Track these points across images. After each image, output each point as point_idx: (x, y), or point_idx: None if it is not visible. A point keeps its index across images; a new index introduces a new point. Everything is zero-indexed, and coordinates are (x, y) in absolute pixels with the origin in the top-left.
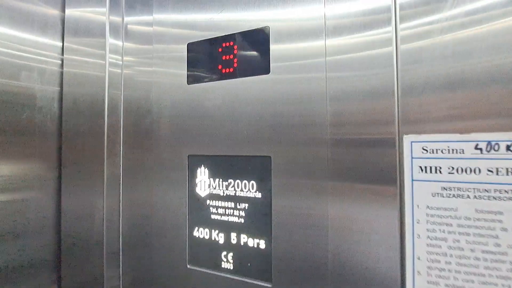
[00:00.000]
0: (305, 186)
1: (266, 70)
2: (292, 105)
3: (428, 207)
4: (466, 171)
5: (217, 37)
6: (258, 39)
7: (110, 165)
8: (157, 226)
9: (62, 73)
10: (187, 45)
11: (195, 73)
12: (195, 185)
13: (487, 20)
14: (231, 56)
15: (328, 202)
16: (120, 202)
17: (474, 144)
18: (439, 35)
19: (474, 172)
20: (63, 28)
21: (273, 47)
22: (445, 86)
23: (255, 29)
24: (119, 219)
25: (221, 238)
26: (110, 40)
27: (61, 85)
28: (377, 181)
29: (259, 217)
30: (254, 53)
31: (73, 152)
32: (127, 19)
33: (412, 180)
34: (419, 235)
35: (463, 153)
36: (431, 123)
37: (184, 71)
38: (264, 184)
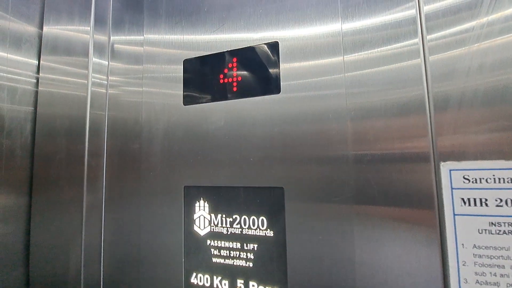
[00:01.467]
0: (326, 219)
1: (276, 89)
2: (307, 125)
3: (475, 246)
4: None
5: (218, 53)
6: (266, 55)
7: (90, 194)
8: (146, 271)
9: (37, 93)
10: (183, 62)
11: (192, 92)
12: (193, 221)
13: None
14: (235, 74)
15: (354, 236)
16: (101, 243)
17: None
18: (476, 42)
19: None
20: (40, 46)
21: (284, 65)
22: (486, 100)
23: (262, 45)
24: (100, 259)
25: (225, 286)
26: (94, 60)
27: (35, 105)
28: (411, 217)
29: (271, 260)
30: (262, 70)
31: (46, 178)
32: (114, 38)
33: (454, 214)
34: (466, 280)
35: (511, 182)
36: (471, 148)
37: (179, 92)
38: (276, 220)
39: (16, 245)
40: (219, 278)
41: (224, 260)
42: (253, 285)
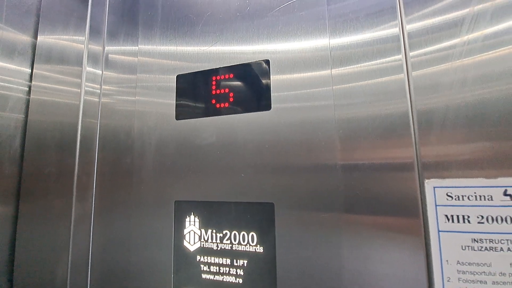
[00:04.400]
0: (315, 234)
1: (267, 106)
2: (297, 141)
3: (459, 262)
4: (497, 220)
5: (210, 69)
6: (257, 72)
7: (79, 205)
8: (135, 286)
9: (28, 101)
10: (177, 77)
11: (185, 107)
12: (183, 236)
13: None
14: (227, 90)
15: (343, 251)
16: (89, 255)
17: (502, 190)
18: (458, 59)
19: (506, 221)
20: (33, 55)
21: (274, 81)
22: (467, 117)
23: (254, 62)
24: (87, 272)
25: None
26: (88, 69)
27: (26, 113)
28: (399, 234)
29: (261, 276)
30: (253, 87)
31: (35, 185)
32: (108, 48)
33: (439, 231)
34: None
35: (491, 199)
36: (454, 165)
37: (172, 101)
38: (266, 235)
39: None
40: None
41: (214, 277)
42: None
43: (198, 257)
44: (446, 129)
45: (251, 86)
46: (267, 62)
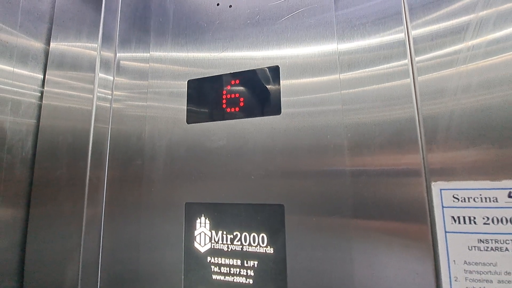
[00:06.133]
0: (325, 235)
1: (277, 111)
2: (307, 144)
3: (465, 262)
4: (502, 221)
5: (221, 74)
6: (267, 78)
7: (90, 208)
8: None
9: (40, 106)
10: (188, 82)
11: (195, 112)
12: (194, 238)
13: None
14: (237, 95)
15: (353, 254)
16: (99, 257)
17: (507, 192)
18: (463, 64)
19: (510, 222)
20: (46, 61)
21: (284, 86)
22: (472, 121)
23: (264, 68)
24: (97, 274)
25: None
26: (100, 75)
27: (38, 118)
28: (406, 233)
29: (271, 277)
30: (263, 92)
31: (46, 188)
32: (120, 55)
33: (446, 232)
34: None
35: (496, 201)
36: (460, 169)
37: (183, 107)
38: (276, 237)
39: (9, 259)
40: None
41: (224, 277)
42: None
43: (208, 258)
44: (451, 133)
45: (261, 91)
46: (277, 68)
